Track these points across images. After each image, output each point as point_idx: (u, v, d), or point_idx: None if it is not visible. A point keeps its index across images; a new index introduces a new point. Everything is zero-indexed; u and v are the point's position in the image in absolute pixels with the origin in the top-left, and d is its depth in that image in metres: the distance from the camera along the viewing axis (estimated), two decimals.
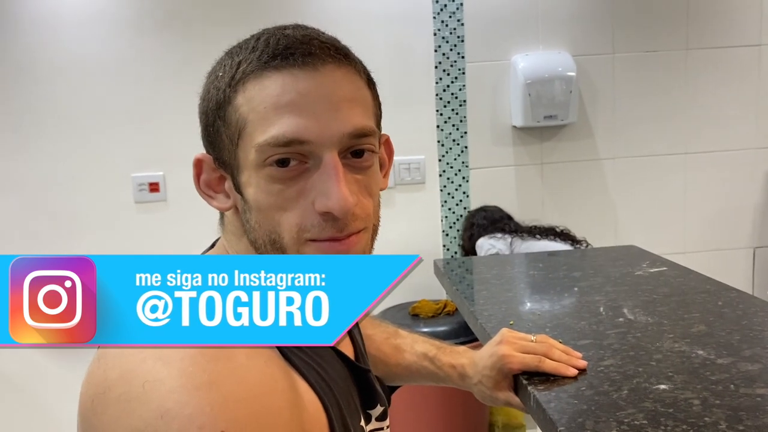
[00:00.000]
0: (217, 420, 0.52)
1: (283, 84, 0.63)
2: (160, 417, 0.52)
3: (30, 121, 2.45)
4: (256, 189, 0.65)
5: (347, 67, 0.67)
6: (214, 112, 0.67)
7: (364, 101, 0.69)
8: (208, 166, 0.70)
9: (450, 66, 2.52)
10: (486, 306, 1.38)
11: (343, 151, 0.65)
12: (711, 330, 1.14)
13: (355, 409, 0.75)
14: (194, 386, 0.54)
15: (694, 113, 2.65)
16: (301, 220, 0.65)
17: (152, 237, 2.52)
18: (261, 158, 0.64)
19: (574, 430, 0.83)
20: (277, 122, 0.63)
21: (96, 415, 0.55)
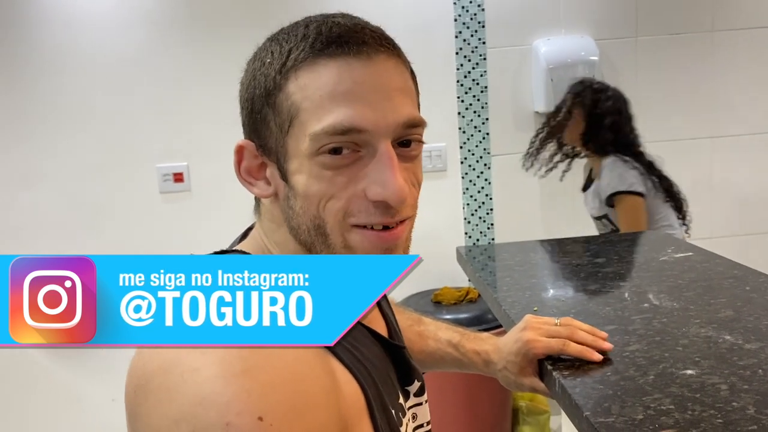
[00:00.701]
0: (254, 407, 0.53)
1: (338, 72, 0.63)
2: (198, 405, 0.53)
3: (57, 114, 2.48)
4: (307, 176, 0.65)
5: (396, 58, 0.68)
6: (262, 99, 0.67)
7: (411, 92, 0.70)
8: (250, 153, 0.70)
9: (471, 52, 2.51)
10: (510, 292, 1.38)
11: (395, 140, 0.66)
12: (739, 315, 1.12)
13: (393, 387, 0.76)
14: (231, 374, 0.54)
15: (720, 96, 2.60)
16: (347, 204, 0.65)
17: (177, 227, 2.55)
18: (315, 146, 0.64)
19: (600, 415, 0.83)
20: (334, 111, 0.63)
21: (139, 405, 0.57)
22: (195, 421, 0.52)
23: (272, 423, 0.53)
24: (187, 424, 0.52)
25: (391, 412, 0.72)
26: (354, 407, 0.65)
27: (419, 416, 0.83)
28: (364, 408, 0.67)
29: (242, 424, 0.52)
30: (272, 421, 0.53)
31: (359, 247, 0.66)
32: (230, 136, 2.51)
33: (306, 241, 0.68)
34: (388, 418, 0.70)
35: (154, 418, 0.55)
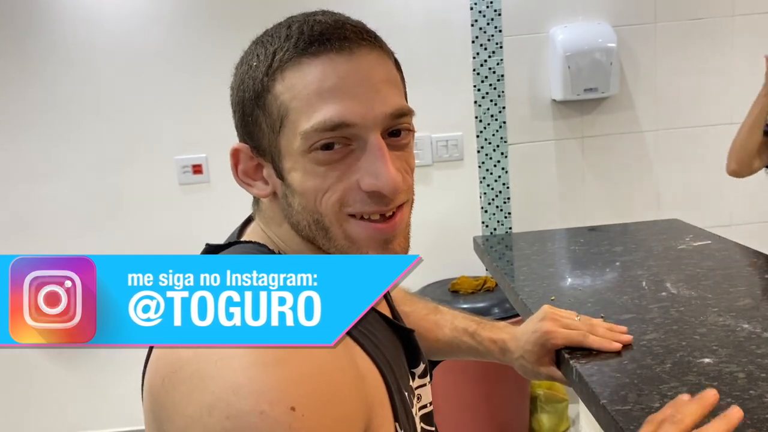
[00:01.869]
0: (287, 396, 0.54)
1: (323, 69, 0.65)
2: (233, 392, 0.54)
3: (77, 107, 2.51)
4: (302, 173, 0.67)
5: (378, 49, 0.69)
6: (252, 102, 0.68)
7: (397, 82, 0.71)
8: (246, 155, 0.72)
9: (487, 40, 2.50)
10: (527, 282, 1.38)
11: (384, 131, 0.67)
12: (757, 303, 1.12)
13: (404, 370, 0.78)
14: (264, 363, 0.55)
15: (740, 82, 2.57)
16: (342, 195, 0.67)
17: (196, 218, 2.57)
18: (307, 144, 0.65)
19: (617, 403, 0.83)
20: (323, 108, 0.64)
21: (167, 393, 0.58)
22: (229, 408, 0.53)
23: (304, 413, 0.54)
24: (221, 411, 0.54)
25: (404, 395, 0.73)
26: (376, 393, 0.67)
27: (423, 397, 0.85)
28: (385, 393, 0.68)
29: (276, 413, 0.53)
30: (304, 412, 0.55)
31: (359, 237, 0.68)
32: None
33: (308, 236, 0.70)
34: (403, 400, 0.72)
35: (186, 405, 0.55)
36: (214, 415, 0.54)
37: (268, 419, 0.53)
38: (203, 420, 0.54)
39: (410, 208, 0.72)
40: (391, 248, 0.69)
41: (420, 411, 0.84)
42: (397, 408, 0.69)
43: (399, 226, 0.69)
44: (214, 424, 0.53)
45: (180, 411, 0.56)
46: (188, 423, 0.55)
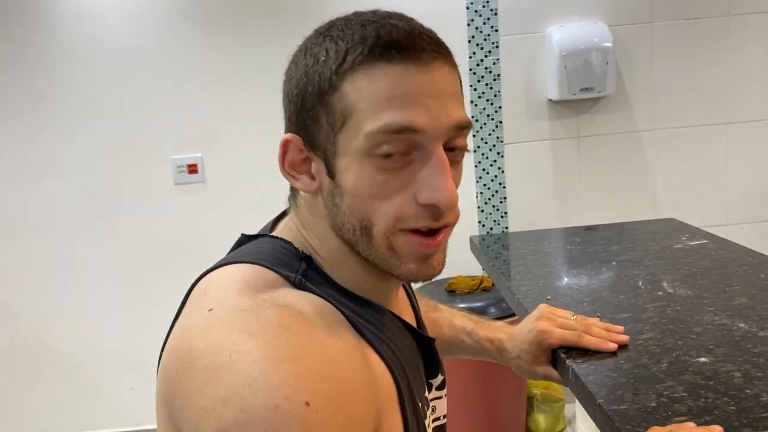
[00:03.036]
0: (301, 391, 0.54)
1: (396, 77, 0.64)
2: (247, 386, 0.54)
3: (73, 107, 2.51)
4: (357, 176, 0.65)
5: (450, 64, 0.69)
6: (315, 97, 0.67)
7: (461, 97, 0.70)
8: (296, 147, 0.70)
9: (483, 40, 2.50)
10: (523, 281, 1.38)
11: (446, 143, 0.67)
12: (753, 303, 1.12)
13: (421, 380, 0.78)
14: (279, 358, 0.56)
15: (736, 81, 2.57)
16: (399, 209, 0.66)
17: (191, 218, 2.57)
18: (370, 145, 0.64)
19: (613, 403, 0.83)
20: (391, 111, 0.63)
21: (182, 384, 0.58)
22: (243, 402, 0.53)
23: (318, 409, 0.54)
24: (235, 404, 0.54)
25: (418, 405, 0.73)
26: (387, 398, 0.67)
27: (438, 409, 0.85)
28: (396, 399, 0.68)
29: (290, 407, 0.53)
30: (318, 407, 0.55)
31: (402, 249, 0.68)
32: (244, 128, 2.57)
33: (349, 239, 0.69)
34: (416, 410, 0.72)
35: (200, 397, 0.56)
36: (228, 408, 0.54)
37: (282, 413, 0.53)
38: (217, 412, 0.54)
39: (451, 232, 0.72)
40: (430, 263, 0.70)
41: (433, 423, 0.83)
42: (407, 417, 0.69)
43: (442, 244, 0.70)
44: (227, 417, 0.53)
45: (193, 402, 0.56)
46: (201, 415, 0.55)
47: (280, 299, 0.63)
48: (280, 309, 0.61)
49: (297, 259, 0.71)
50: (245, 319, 0.59)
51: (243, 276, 0.66)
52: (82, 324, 2.66)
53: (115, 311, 2.63)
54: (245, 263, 0.68)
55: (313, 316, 0.63)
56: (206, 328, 0.60)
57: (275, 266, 0.68)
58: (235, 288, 0.64)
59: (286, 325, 0.59)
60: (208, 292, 0.65)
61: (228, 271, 0.68)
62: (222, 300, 0.63)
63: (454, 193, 0.66)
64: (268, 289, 0.65)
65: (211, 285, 0.67)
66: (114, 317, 2.63)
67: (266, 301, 0.62)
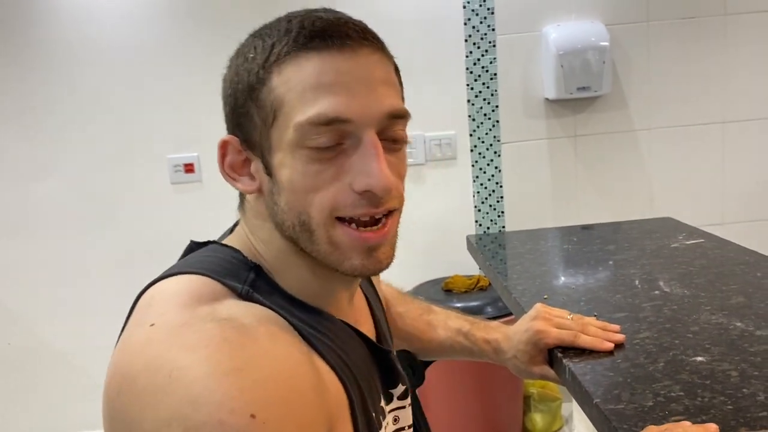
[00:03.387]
0: (246, 404, 0.53)
1: (322, 65, 0.63)
2: (189, 404, 0.52)
3: (69, 106, 2.50)
4: (291, 170, 0.65)
5: (380, 52, 0.68)
6: (245, 94, 0.67)
7: (395, 85, 0.70)
8: (234, 148, 0.70)
9: (480, 39, 2.49)
10: (520, 280, 1.38)
11: (379, 132, 0.66)
12: (750, 302, 1.12)
13: (376, 390, 0.76)
14: (221, 372, 0.54)
15: (733, 81, 2.58)
16: (334, 198, 0.65)
17: (188, 218, 2.56)
18: (300, 137, 0.63)
19: (610, 402, 0.83)
20: (318, 101, 0.63)
21: (124, 407, 0.56)
22: (187, 421, 0.52)
23: (265, 421, 0.53)
24: (179, 424, 0.52)
25: (371, 415, 0.72)
26: (338, 407, 0.66)
27: (401, 419, 0.84)
28: (347, 409, 0.67)
29: (235, 422, 0.52)
30: (265, 419, 0.53)
31: (343, 243, 0.66)
32: None
33: (291, 237, 0.68)
34: (369, 421, 0.71)
35: (143, 420, 0.54)
36: (172, 429, 0.52)
37: (228, 428, 0.52)
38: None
39: (399, 217, 0.71)
40: (376, 257, 0.67)
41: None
42: (359, 427, 0.68)
43: (387, 236, 0.68)
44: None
45: (137, 426, 0.54)
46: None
47: (223, 312, 0.61)
48: (222, 322, 0.59)
49: (245, 269, 0.69)
50: (184, 335, 0.57)
51: (188, 288, 0.64)
52: (80, 323, 2.65)
53: (113, 310, 2.61)
54: (191, 274, 0.66)
55: (256, 327, 0.61)
56: (146, 344, 0.58)
57: (222, 277, 0.66)
58: (178, 301, 0.62)
59: (227, 337, 0.57)
60: (151, 305, 0.63)
61: (173, 283, 0.66)
62: (163, 314, 0.61)
63: (389, 177, 0.64)
64: (212, 301, 0.62)
65: (155, 297, 0.65)
66: (111, 316, 2.62)
67: (208, 314, 0.60)
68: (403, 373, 0.83)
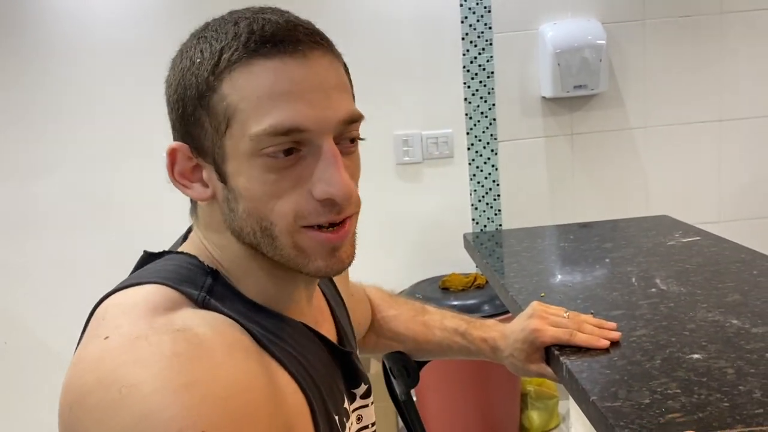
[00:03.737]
0: (197, 421, 0.52)
1: (275, 72, 0.62)
2: (139, 422, 0.52)
3: (65, 106, 2.49)
4: (248, 178, 0.64)
5: (330, 54, 0.67)
6: (195, 101, 0.66)
7: (347, 87, 0.69)
8: (183, 155, 0.69)
9: (477, 37, 2.50)
10: (517, 278, 1.38)
11: (336, 137, 0.66)
12: (746, 299, 1.13)
13: (338, 392, 0.76)
14: (172, 388, 0.53)
15: (729, 79, 2.58)
16: (296, 207, 0.64)
17: (184, 217, 2.55)
18: (256, 148, 0.63)
19: (607, 399, 0.83)
20: (274, 111, 0.62)
21: (77, 422, 0.55)
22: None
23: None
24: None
25: (334, 419, 0.72)
26: (298, 416, 0.66)
27: (364, 417, 0.84)
28: (308, 416, 0.67)
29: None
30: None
31: (308, 247, 0.66)
32: None
33: (251, 243, 0.67)
34: (331, 425, 0.71)
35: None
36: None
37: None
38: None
39: (356, 220, 0.71)
40: (338, 256, 0.68)
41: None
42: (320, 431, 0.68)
43: (347, 235, 0.68)
44: None
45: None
46: None
47: (178, 322, 0.60)
48: (176, 334, 0.58)
49: (202, 274, 0.68)
50: (137, 349, 0.56)
51: (144, 298, 0.63)
52: (77, 323, 2.64)
53: None
54: (146, 284, 0.65)
55: (211, 337, 0.60)
56: (99, 359, 0.57)
57: (178, 284, 0.65)
58: (134, 312, 0.61)
59: (178, 352, 0.56)
60: (106, 318, 0.62)
61: (129, 294, 0.65)
62: (118, 327, 0.59)
63: (350, 185, 0.65)
64: (167, 311, 0.61)
65: (110, 309, 0.63)
66: None
67: (163, 325, 0.59)
68: (364, 372, 0.83)
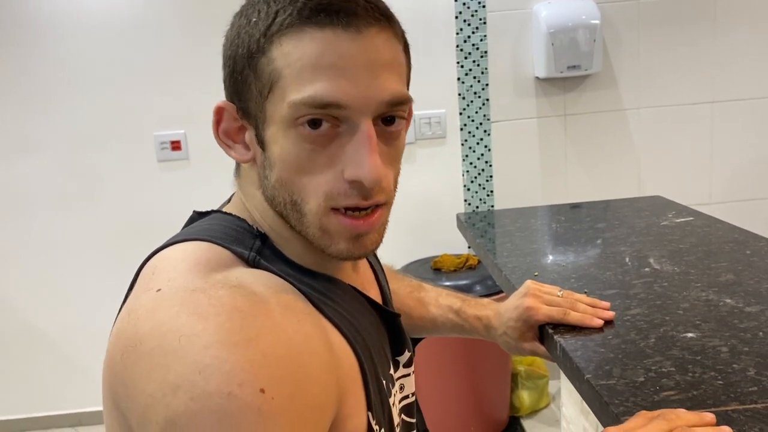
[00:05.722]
0: (256, 377, 0.52)
1: (324, 43, 0.61)
2: (198, 372, 0.51)
3: (53, 83, 2.45)
4: (282, 147, 0.63)
5: (389, 31, 0.65)
6: (244, 60, 0.64)
7: (401, 67, 0.67)
8: (230, 115, 0.68)
9: (471, 16, 2.47)
10: (510, 258, 1.38)
11: (377, 117, 0.64)
12: (739, 279, 1.13)
13: (385, 357, 0.76)
14: (232, 343, 0.52)
15: (722, 60, 2.57)
16: (329, 187, 0.63)
17: (175, 195, 2.54)
18: (293, 116, 0.61)
19: (601, 378, 0.83)
20: (315, 82, 0.60)
21: (126, 369, 0.54)
22: (194, 389, 0.50)
23: (274, 396, 0.52)
24: (185, 392, 0.50)
25: (383, 384, 0.71)
26: (350, 379, 0.65)
27: (406, 387, 0.83)
28: (359, 378, 0.66)
29: (244, 395, 0.51)
30: (274, 394, 0.52)
31: (334, 231, 0.65)
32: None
33: (281, 213, 0.67)
34: (380, 388, 0.70)
35: (147, 384, 0.52)
36: (177, 396, 0.50)
37: (236, 401, 0.50)
38: (166, 400, 0.51)
39: (389, 210, 0.69)
40: (362, 243, 0.66)
41: (401, 402, 0.82)
42: (371, 396, 0.67)
43: (375, 224, 0.67)
44: (177, 405, 0.50)
45: (140, 389, 0.53)
46: (149, 402, 0.52)
47: (233, 279, 0.60)
48: (233, 289, 0.58)
49: (251, 237, 0.67)
50: (195, 300, 0.55)
51: (194, 254, 0.62)
52: (65, 303, 2.63)
53: (98, 290, 2.60)
54: (197, 241, 0.65)
55: (268, 296, 0.60)
56: (154, 309, 0.56)
57: (228, 243, 0.65)
58: (186, 267, 0.60)
59: (239, 306, 0.56)
60: (156, 272, 0.62)
61: (178, 250, 0.64)
62: (171, 280, 0.59)
63: (379, 169, 0.62)
64: (221, 267, 0.61)
65: (160, 264, 0.63)
66: (97, 296, 2.61)
67: (218, 281, 0.59)
68: (409, 339, 0.82)
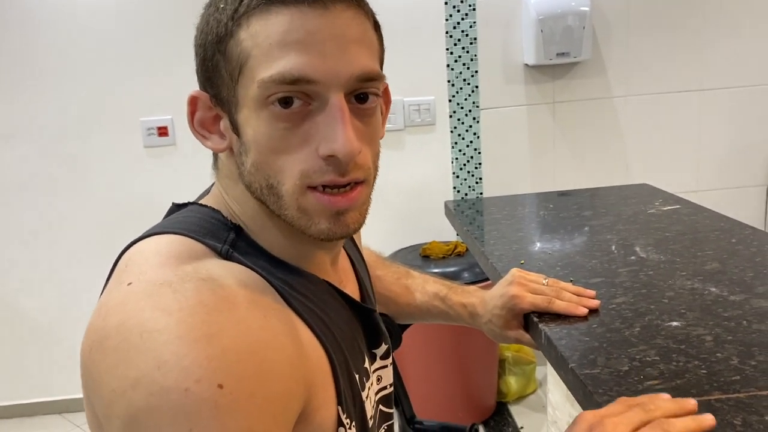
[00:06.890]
0: (214, 374, 0.52)
1: (290, 20, 0.60)
2: (157, 368, 0.51)
3: (39, 69, 2.42)
4: (255, 129, 0.63)
5: (356, 8, 0.64)
6: (214, 46, 0.64)
7: (371, 44, 0.66)
8: (204, 104, 0.68)
9: (460, 2, 2.45)
10: (497, 246, 1.38)
11: (348, 94, 0.63)
12: (724, 267, 1.13)
13: (359, 351, 0.76)
14: (193, 338, 0.53)
15: (710, 49, 2.58)
16: (304, 166, 0.63)
17: (161, 181, 2.52)
18: (263, 95, 0.61)
19: (586, 367, 0.83)
20: (284, 59, 0.60)
21: (94, 364, 0.55)
22: (153, 385, 0.51)
23: (232, 392, 0.52)
24: (145, 387, 0.51)
25: (355, 378, 0.71)
26: (319, 372, 0.65)
27: (383, 378, 0.84)
28: (329, 373, 0.66)
29: (201, 391, 0.51)
30: (232, 390, 0.52)
31: (312, 209, 0.64)
32: None
33: (259, 198, 0.66)
34: (351, 383, 0.70)
35: (111, 379, 0.53)
36: (137, 391, 0.51)
37: (193, 396, 0.50)
38: (127, 395, 0.51)
39: (369, 189, 0.68)
40: (343, 221, 0.65)
41: (379, 393, 0.82)
42: (342, 390, 0.67)
43: (355, 201, 0.66)
44: (137, 400, 0.51)
45: (105, 384, 0.54)
46: (112, 398, 0.53)
47: (203, 271, 0.60)
48: (201, 282, 0.58)
49: (225, 229, 0.67)
50: (161, 295, 0.56)
51: (167, 247, 0.62)
52: (52, 290, 2.61)
53: (85, 276, 2.58)
54: (171, 234, 0.65)
55: (236, 289, 0.59)
56: (122, 303, 0.56)
57: (201, 236, 0.65)
58: (157, 260, 0.60)
59: (204, 301, 0.56)
60: (129, 265, 0.62)
61: (152, 243, 0.64)
62: (142, 273, 0.59)
63: (353, 143, 0.61)
64: (192, 260, 0.61)
65: (134, 257, 0.63)
66: (84, 283, 2.59)
67: (187, 273, 0.59)
68: (386, 332, 0.83)
